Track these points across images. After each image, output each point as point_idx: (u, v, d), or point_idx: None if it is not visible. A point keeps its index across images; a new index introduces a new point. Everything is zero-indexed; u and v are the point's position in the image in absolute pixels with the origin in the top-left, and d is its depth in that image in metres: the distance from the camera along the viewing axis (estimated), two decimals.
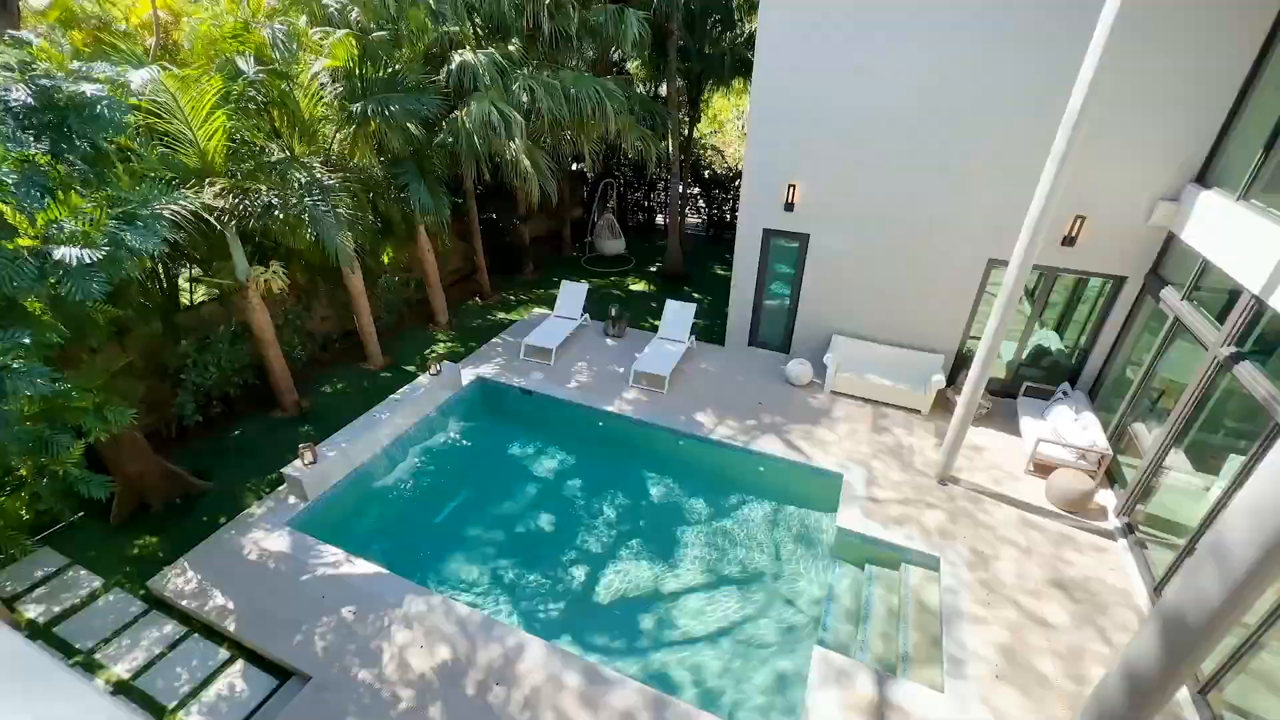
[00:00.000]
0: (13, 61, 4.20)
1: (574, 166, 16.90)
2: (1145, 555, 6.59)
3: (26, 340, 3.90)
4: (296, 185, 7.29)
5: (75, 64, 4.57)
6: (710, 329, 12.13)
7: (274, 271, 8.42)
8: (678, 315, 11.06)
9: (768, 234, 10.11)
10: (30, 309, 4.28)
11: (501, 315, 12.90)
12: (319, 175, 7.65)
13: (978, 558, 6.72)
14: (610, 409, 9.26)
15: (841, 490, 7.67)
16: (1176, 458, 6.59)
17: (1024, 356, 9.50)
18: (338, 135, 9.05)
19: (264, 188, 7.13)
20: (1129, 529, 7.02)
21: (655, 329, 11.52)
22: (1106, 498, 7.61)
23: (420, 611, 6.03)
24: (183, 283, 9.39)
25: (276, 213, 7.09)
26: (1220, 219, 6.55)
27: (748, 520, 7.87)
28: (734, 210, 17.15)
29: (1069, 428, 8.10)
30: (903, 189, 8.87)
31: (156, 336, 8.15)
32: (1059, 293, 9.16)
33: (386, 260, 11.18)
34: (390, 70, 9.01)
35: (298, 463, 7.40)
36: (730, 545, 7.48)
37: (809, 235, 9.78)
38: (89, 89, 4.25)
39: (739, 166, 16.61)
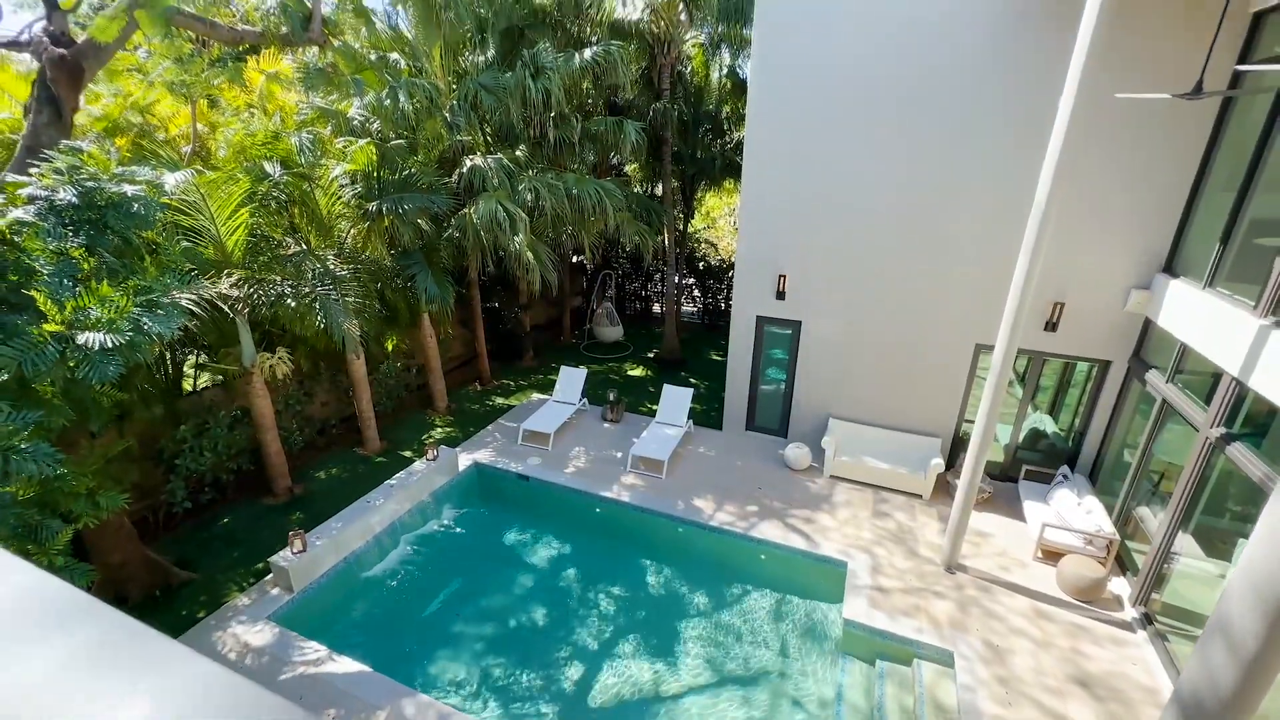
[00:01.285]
0: (63, 166, 4.59)
1: (575, 259, 17.70)
2: (1167, 648, 6.30)
3: (32, 425, 3.98)
4: (310, 276, 7.65)
5: (119, 169, 4.98)
6: (708, 414, 12.21)
7: (280, 358, 8.61)
8: (675, 400, 11.18)
9: (761, 321, 10.46)
10: (42, 391, 4.38)
11: (500, 401, 13.00)
12: (332, 266, 8.04)
13: (993, 652, 6.40)
14: (608, 494, 9.13)
15: (846, 579, 7.43)
16: (1185, 542, 6.47)
17: (1020, 439, 9.53)
18: (352, 230, 9.59)
19: (279, 278, 7.48)
20: (1147, 620, 6.75)
21: (653, 414, 11.59)
22: (1120, 586, 7.38)
23: (407, 716, 5.64)
24: (186, 369, 9.56)
25: (289, 301, 7.38)
26: (1191, 306, 6.86)
27: (750, 612, 7.55)
28: (728, 299, 17.77)
29: (1073, 512, 7.99)
30: (888, 278, 9.32)
31: (157, 421, 8.19)
32: (1049, 376, 9.36)
33: (390, 347, 11.44)
34: (405, 172, 9.71)
35: (286, 551, 7.19)
36: (733, 640, 7.13)
37: (801, 322, 10.13)
38: (129, 189, 4.61)
39: (732, 258, 17.43)
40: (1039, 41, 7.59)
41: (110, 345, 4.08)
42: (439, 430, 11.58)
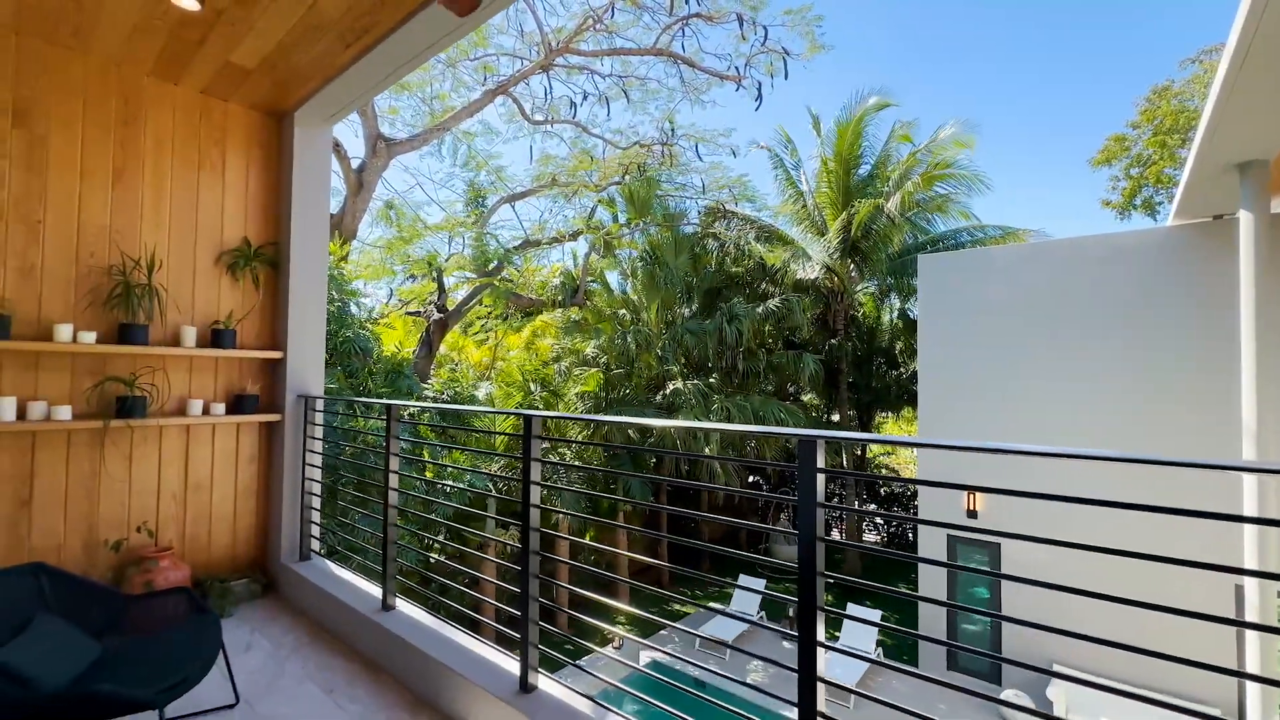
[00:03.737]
0: (444, 379, 7.30)
1: (750, 479, 18.60)
2: None
3: None
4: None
5: (471, 383, 7.66)
6: (898, 650, 11.14)
7: (510, 535, 10.46)
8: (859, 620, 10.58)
9: (953, 541, 10.05)
10: None
11: (676, 608, 13.26)
12: (566, 456, 10.12)
13: None
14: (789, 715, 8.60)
15: None
16: None
17: None
18: (580, 434, 12.00)
19: None
20: None
21: (833, 639, 10.93)
22: None
23: None
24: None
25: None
26: None
27: None
28: (914, 529, 16.81)
29: None
30: (1089, 489, 8.74)
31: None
32: None
33: (588, 537, 12.91)
34: (623, 392, 12.24)
35: None
36: None
37: (999, 544, 9.57)
38: (479, 394, 7.08)
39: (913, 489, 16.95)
40: (1204, 265, 7.99)
41: (450, 489, 6.02)
42: (619, 624, 12.10)
